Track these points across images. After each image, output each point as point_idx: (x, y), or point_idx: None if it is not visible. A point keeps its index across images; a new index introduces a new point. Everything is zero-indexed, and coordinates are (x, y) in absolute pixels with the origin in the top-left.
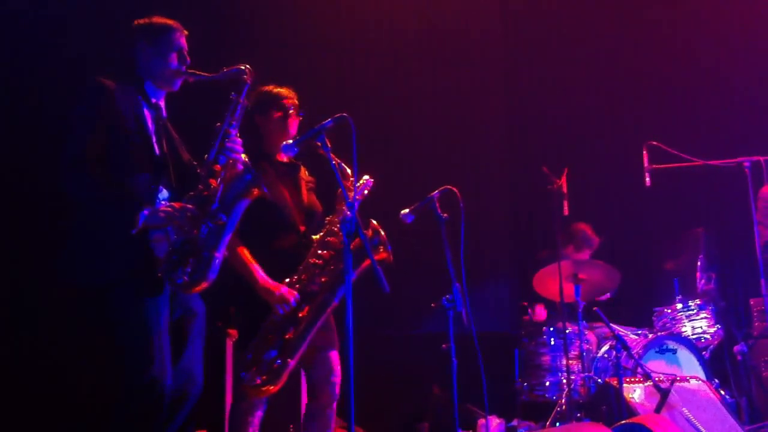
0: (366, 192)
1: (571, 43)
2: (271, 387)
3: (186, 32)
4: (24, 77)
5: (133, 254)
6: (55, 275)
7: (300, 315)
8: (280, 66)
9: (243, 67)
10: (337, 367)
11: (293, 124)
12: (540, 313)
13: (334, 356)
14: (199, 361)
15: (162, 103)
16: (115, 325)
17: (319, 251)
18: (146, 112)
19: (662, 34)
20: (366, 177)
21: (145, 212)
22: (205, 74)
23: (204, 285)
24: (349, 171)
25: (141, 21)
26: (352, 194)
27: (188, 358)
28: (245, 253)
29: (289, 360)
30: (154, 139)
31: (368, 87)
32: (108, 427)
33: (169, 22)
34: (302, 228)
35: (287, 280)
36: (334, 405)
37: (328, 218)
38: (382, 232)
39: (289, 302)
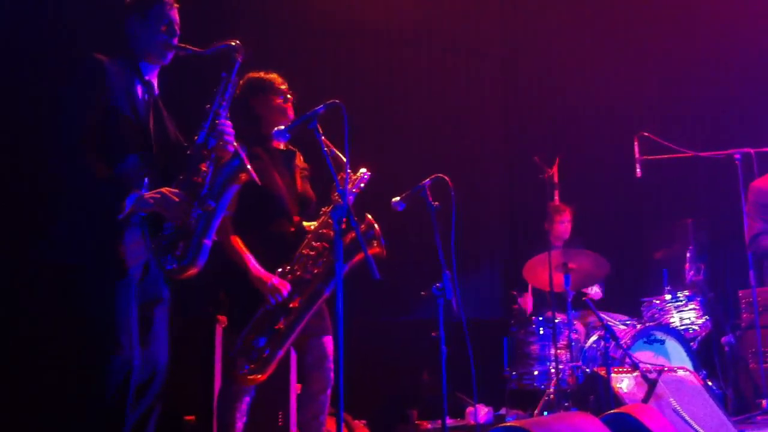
0: (363, 185)
1: (566, 34)
2: (259, 376)
3: (177, 5)
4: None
5: (108, 238)
6: (31, 253)
7: (291, 306)
8: (273, 51)
9: (233, 44)
10: (332, 353)
11: (292, 110)
12: (527, 302)
13: (328, 342)
14: (165, 345)
15: (155, 80)
16: (85, 307)
17: (314, 242)
18: (139, 89)
19: (655, 25)
20: (363, 170)
21: (133, 197)
22: (195, 49)
23: (193, 271)
24: (345, 160)
25: None
26: (347, 184)
27: (154, 342)
28: (238, 242)
29: (277, 350)
30: (144, 118)
31: (362, 74)
32: (79, 409)
33: None
34: (296, 218)
35: (279, 270)
36: (329, 391)
37: (323, 209)
38: (377, 226)
39: (281, 293)
